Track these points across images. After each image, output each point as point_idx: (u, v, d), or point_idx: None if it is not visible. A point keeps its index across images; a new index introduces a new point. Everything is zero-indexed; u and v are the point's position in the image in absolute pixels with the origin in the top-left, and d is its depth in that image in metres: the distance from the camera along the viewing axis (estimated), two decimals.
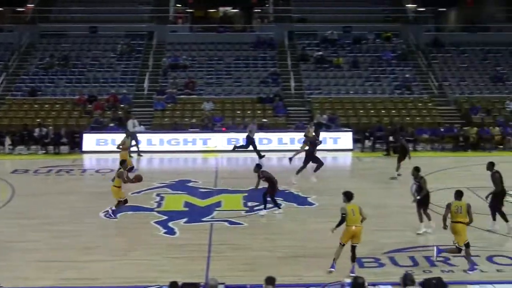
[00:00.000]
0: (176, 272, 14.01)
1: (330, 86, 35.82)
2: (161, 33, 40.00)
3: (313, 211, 19.38)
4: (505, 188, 17.72)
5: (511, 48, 39.37)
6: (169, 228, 17.58)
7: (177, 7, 44.75)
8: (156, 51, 38.93)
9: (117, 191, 18.54)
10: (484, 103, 34.17)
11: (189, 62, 37.58)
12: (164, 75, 36.58)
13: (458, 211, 14.68)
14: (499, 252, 15.37)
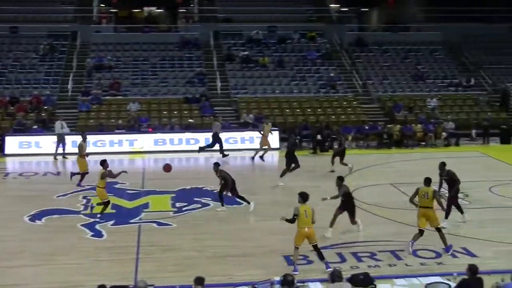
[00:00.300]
0: (104, 275, 13.83)
1: (256, 86, 36.00)
2: (85, 33, 39.28)
3: (242, 211, 19.43)
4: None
5: (431, 47, 40.52)
6: (96, 230, 17.32)
7: (100, 7, 44.08)
8: (80, 51, 38.22)
9: (101, 192, 18.37)
10: (406, 101, 35.03)
11: (114, 63, 37.06)
12: (88, 76, 35.94)
13: (425, 197, 15.44)
14: (422, 246, 15.78)
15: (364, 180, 23.03)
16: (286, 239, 16.38)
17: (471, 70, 38.93)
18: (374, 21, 50.47)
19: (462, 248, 15.72)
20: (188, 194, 21.17)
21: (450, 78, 37.90)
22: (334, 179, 21.73)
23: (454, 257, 15.15)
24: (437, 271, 14.06)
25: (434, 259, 15.03)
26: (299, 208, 14.18)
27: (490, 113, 33.99)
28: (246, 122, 31.51)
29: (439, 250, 15.51)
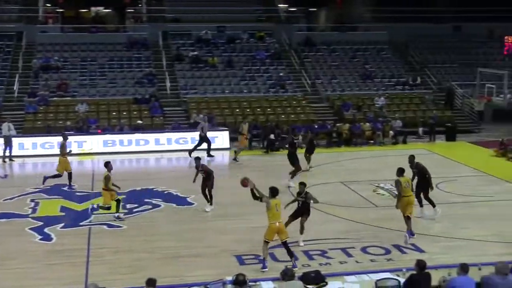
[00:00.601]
0: (54, 279, 13.67)
1: (206, 86, 35.94)
2: (31, 33, 38.59)
3: (193, 211, 19.40)
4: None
5: (378, 47, 41.10)
6: (45, 234, 17.06)
7: (46, 7, 43.34)
8: (26, 52, 37.53)
9: (105, 194, 18.31)
10: (354, 100, 35.44)
11: (61, 63, 36.49)
12: (35, 77, 35.29)
13: (407, 186, 16.21)
14: (372, 243, 16.04)
15: (314, 178, 23.21)
16: (237, 239, 16.50)
17: (417, 69, 39.65)
18: (322, 21, 50.87)
19: (410, 244, 15.99)
20: (139, 195, 21.00)
21: (397, 77, 38.51)
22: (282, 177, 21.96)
23: (403, 253, 15.42)
24: (387, 267, 14.25)
25: (384, 256, 15.26)
26: (270, 202, 14.23)
27: (436, 111, 34.66)
28: (196, 122, 31.41)
29: (388, 247, 15.75)
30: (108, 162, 18.99)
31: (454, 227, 17.57)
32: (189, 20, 41.47)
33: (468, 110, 36.04)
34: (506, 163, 26.64)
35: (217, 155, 28.20)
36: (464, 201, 20.04)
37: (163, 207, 19.69)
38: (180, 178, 22.86)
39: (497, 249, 15.63)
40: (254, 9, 43.51)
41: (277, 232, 14.31)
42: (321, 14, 51.54)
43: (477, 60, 40.13)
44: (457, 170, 24.94)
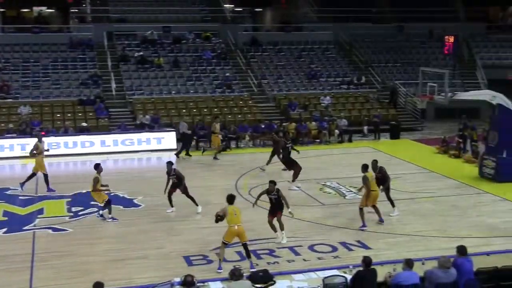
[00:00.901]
0: None
1: (152, 87, 35.71)
2: None
3: (140, 213, 19.27)
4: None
5: (323, 47, 41.52)
6: None
7: None
8: None
9: (98, 195, 18.24)
10: (300, 99, 35.72)
11: (2, 64, 35.74)
12: None
13: (373, 181, 17.25)
14: (319, 241, 16.21)
15: (261, 178, 23.31)
16: (185, 240, 16.47)
17: (362, 68, 40.17)
18: (268, 21, 51.17)
19: (356, 241, 16.23)
20: (84, 198, 20.71)
21: (342, 76, 38.96)
22: (230, 177, 22.03)
23: (349, 250, 15.62)
24: (334, 265, 14.43)
25: (331, 253, 15.43)
26: (227, 209, 14.50)
27: (380, 110, 35.22)
28: (142, 123, 31.21)
29: (335, 245, 15.94)
30: (98, 164, 18.96)
31: (399, 223, 17.90)
32: (135, 20, 41.18)
33: (411, 108, 36.74)
34: (448, 159, 27.24)
35: (165, 157, 28.02)
36: (408, 198, 20.42)
37: (107, 210, 19.44)
38: (126, 180, 22.66)
39: (439, 243, 16.00)
40: (200, 9, 43.44)
41: (237, 235, 14.42)
42: (267, 14, 51.82)
43: (419, 59, 40.98)
44: (401, 167, 25.38)
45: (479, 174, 23.65)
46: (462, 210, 19.20)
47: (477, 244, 15.69)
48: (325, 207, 19.62)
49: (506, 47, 42.14)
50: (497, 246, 15.76)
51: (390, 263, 13.93)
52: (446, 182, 23.04)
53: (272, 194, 16.40)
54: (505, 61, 41.09)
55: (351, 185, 21.97)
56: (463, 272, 12.38)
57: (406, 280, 12.17)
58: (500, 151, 22.86)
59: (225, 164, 26.18)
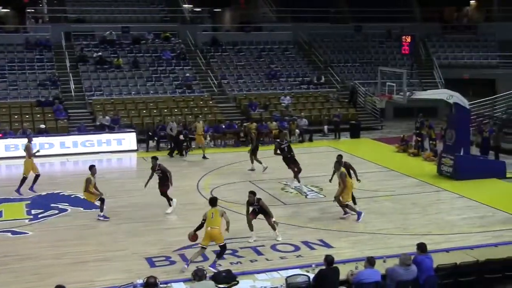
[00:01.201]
0: None
1: (112, 87, 35.41)
2: None
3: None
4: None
5: (283, 47, 41.68)
6: None
7: None
8: None
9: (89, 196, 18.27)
10: (261, 99, 35.81)
11: None
12: None
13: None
14: (282, 240, 16.27)
15: (223, 178, 23.34)
16: (147, 241, 16.38)
17: (321, 68, 40.44)
18: (227, 21, 51.15)
19: (319, 240, 16.34)
20: (44, 201, 20.49)
21: (302, 76, 39.17)
22: (191, 178, 21.98)
23: (311, 249, 15.71)
24: (297, 264, 14.52)
25: (293, 252, 15.51)
26: (206, 212, 14.59)
27: (340, 109, 35.51)
28: (102, 124, 30.94)
29: (297, 244, 16.03)
30: (93, 165, 18.94)
31: (360, 221, 18.07)
32: (93, 20, 40.82)
33: (371, 107, 37.14)
34: (407, 158, 27.62)
35: (125, 158, 27.89)
36: (368, 196, 20.63)
37: (70, 212, 19.30)
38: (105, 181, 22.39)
39: (400, 241, 16.21)
40: (159, 9, 43.22)
41: (211, 238, 14.40)
42: (226, 14, 51.80)
43: (378, 59, 41.46)
44: (362, 166, 25.52)
45: (437, 172, 24.03)
46: (421, 208, 19.49)
47: (436, 241, 15.96)
48: (287, 207, 19.72)
49: (461, 47, 42.89)
50: (456, 242, 16.03)
51: (352, 261, 14.08)
52: (405, 181, 23.36)
53: (254, 205, 16.42)
54: (461, 60, 41.80)
55: (312, 185, 22.13)
56: (423, 269, 12.59)
57: (367, 278, 12.33)
58: (458, 149, 23.28)
59: (187, 165, 26.13)
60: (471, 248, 15.22)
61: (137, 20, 41.52)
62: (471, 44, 42.97)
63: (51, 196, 21.15)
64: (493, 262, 13.75)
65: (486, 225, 17.65)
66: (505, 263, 13.76)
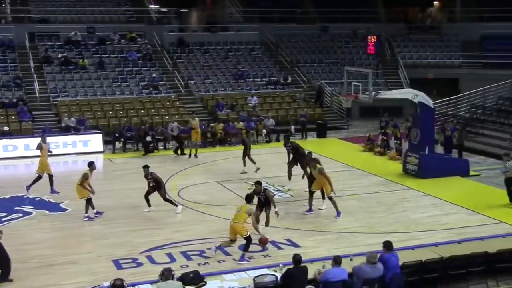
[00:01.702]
0: None
1: (77, 88, 35.06)
2: None
3: (67, 217, 18.91)
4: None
5: (249, 47, 41.73)
6: None
7: None
8: None
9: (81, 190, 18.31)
10: (228, 99, 35.80)
11: None
12: None
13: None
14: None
15: (190, 179, 23.30)
16: (114, 243, 16.28)
17: (288, 68, 40.58)
18: (194, 21, 51.03)
19: (286, 239, 16.41)
20: (8, 204, 20.21)
21: (268, 76, 39.25)
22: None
23: (279, 249, 15.77)
24: (264, 264, 14.55)
25: (261, 252, 15.53)
26: (238, 207, 15.57)
27: (307, 109, 35.66)
28: (67, 126, 30.64)
29: None
30: (92, 162, 19.17)
31: (327, 220, 18.20)
32: (57, 21, 40.38)
33: (337, 107, 37.37)
34: (373, 157, 27.87)
35: (91, 159, 27.56)
36: (335, 196, 20.72)
37: (34, 215, 19.06)
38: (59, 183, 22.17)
39: (366, 239, 16.36)
40: (125, 9, 42.94)
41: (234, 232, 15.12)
42: (193, 15, 51.67)
43: (344, 59, 41.73)
44: (329, 165, 25.57)
45: (403, 171, 24.30)
46: (387, 206, 19.68)
47: (402, 239, 16.14)
48: (254, 207, 19.68)
49: (425, 47, 43.36)
50: (421, 240, 16.24)
51: (319, 260, 14.16)
52: (371, 179, 23.57)
53: (260, 194, 16.86)
54: (425, 60, 42.30)
55: (279, 184, 22.21)
56: (389, 267, 12.73)
57: (334, 276, 12.42)
58: (422, 148, 23.56)
59: (154, 166, 25.90)
60: (436, 245, 15.42)
61: (103, 20, 41.19)
62: (435, 44, 43.48)
63: (15, 199, 20.85)
64: (457, 259, 13.95)
65: (450, 223, 17.90)
66: (468, 259, 13.97)
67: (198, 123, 28.96)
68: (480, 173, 24.31)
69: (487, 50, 40.32)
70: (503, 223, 17.69)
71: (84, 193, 18.40)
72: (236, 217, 15.15)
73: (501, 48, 39.44)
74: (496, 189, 21.60)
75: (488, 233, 16.65)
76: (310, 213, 18.65)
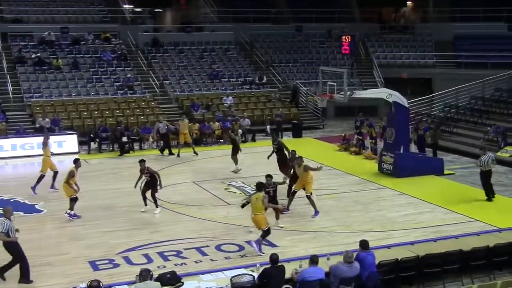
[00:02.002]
0: None
1: (51, 89, 34.78)
2: None
3: (42, 218, 18.77)
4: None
5: (224, 47, 41.72)
6: None
7: None
8: None
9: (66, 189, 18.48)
10: (203, 99, 35.76)
11: None
12: None
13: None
14: (226, 240, 16.32)
15: (166, 179, 23.17)
16: (90, 245, 16.20)
17: (263, 68, 40.63)
18: (168, 21, 50.88)
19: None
20: None
21: (244, 76, 39.28)
22: (134, 180, 21.74)
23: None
24: (241, 264, 14.55)
25: (238, 252, 15.56)
26: (252, 197, 15.76)
27: (282, 109, 35.75)
28: (42, 126, 30.38)
29: (241, 244, 16.08)
30: (78, 159, 19.36)
31: (304, 220, 18.28)
32: (31, 20, 40.03)
33: (312, 107, 37.51)
34: (349, 156, 28.03)
35: (67, 160, 27.40)
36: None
37: (19, 216, 18.84)
38: (27, 185, 21.97)
39: (343, 239, 16.47)
40: (99, 9, 42.68)
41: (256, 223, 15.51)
42: (167, 15, 51.52)
43: (318, 59, 41.91)
44: None
45: (378, 170, 24.48)
46: (363, 205, 19.81)
47: (378, 238, 16.27)
48: (231, 207, 19.72)
49: (399, 47, 43.70)
50: (397, 239, 16.37)
51: (296, 259, 14.20)
52: (347, 179, 23.71)
53: (271, 187, 17.54)
54: (399, 60, 42.63)
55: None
56: (366, 265, 12.81)
57: (311, 276, 12.46)
58: (397, 147, 23.75)
59: (130, 167, 25.81)
60: (412, 244, 15.52)
61: (77, 20, 40.94)
62: (408, 44, 43.85)
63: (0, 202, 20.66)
64: (433, 257, 14.07)
65: (425, 221, 18.07)
66: (443, 257, 14.10)
67: (187, 125, 28.90)
68: (454, 171, 24.56)
69: (460, 50, 40.75)
70: (478, 221, 17.91)
71: (71, 191, 18.47)
72: (255, 209, 15.42)
73: (473, 48, 39.95)
74: (471, 188, 21.86)
75: (462, 231, 16.81)
76: (287, 212, 18.66)
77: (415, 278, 13.90)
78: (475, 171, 21.62)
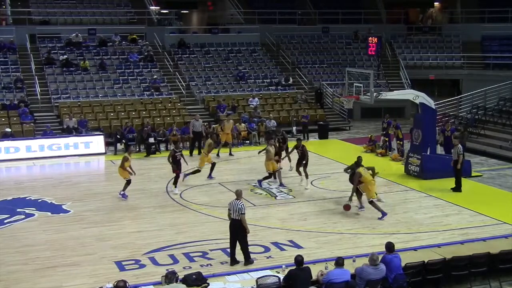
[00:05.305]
0: None
1: (78, 90, 35.05)
2: None
3: (69, 219, 18.90)
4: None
5: (250, 48, 41.74)
6: None
7: None
8: None
9: (121, 172, 20.71)
10: (229, 101, 35.79)
11: None
12: None
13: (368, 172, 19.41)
14: (252, 241, 16.17)
15: (192, 180, 23.25)
16: (116, 245, 16.27)
17: (289, 69, 40.57)
18: (194, 23, 51.04)
19: (288, 241, 16.39)
20: (10, 205, 20.20)
21: (270, 77, 39.24)
22: (161, 180, 21.86)
23: (282, 250, 15.74)
24: (267, 265, 14.53)
25: (263, 253, 15.52)
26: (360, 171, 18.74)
27: (308, 110, 35.65)
28: (69, 127, 30.63)
29: (267, 245, 16.05)
30: (130, 145, 21.06)
31: (329, 222, 18.18)
32: (58, 22, 40.37)
33: (338, 108, 37.36)
34: (375, 158, 27.81)
35: (93, 161, 27.64)
36: (337, 197, 20.77)
37: (37, 216, 19.03)
38: (54, 186, 22.19)
39: (369, 241, 16.35)
40: (126, 11, 42.95)
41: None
42: (193, 16, 51.69)
43: (345, 60, 41.73)
44: (330, 167, 25.78)
45: (405, 172, 24.29)
46: (389, 207, 19.62)
47: (405, 240, 16.14)
48: (256, 208, 19.71)
49: (426, 48, 43.37)
50: (424, 241, 16.22)
51: (322, 261, 14.15)
52: None
53: (299, 148, 21.74)
54: (426, 61, 42.30)
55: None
56: (392, 268, 12.73)
57: (337, 277, 12.41)
58: (424, 149, 23.55)
59: (156, 168, 25.92)
60: (438, 246, 15.41)
61: (104, 22, 41.19)
62: (436, 45, 43.50)
63: (17, 201, 20.82)
64: (460, 259, 13.93)
65: (452, 223, 17.90)
66: (471, 260, 13.95)
67: (232, 125, 29.21)
68: (482, 174, 24.30)
69: (488, 51, 40.35)
70: (506, 224, 17.68)
71: (126, 174, 20.61)
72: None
73: (501, 49, 39.52)
74: (498, 190, 21.63)
75: (490, 234, 16.65)
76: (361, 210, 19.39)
77: (442, 280, 13.78)
78: (503, 173, 21.38)
